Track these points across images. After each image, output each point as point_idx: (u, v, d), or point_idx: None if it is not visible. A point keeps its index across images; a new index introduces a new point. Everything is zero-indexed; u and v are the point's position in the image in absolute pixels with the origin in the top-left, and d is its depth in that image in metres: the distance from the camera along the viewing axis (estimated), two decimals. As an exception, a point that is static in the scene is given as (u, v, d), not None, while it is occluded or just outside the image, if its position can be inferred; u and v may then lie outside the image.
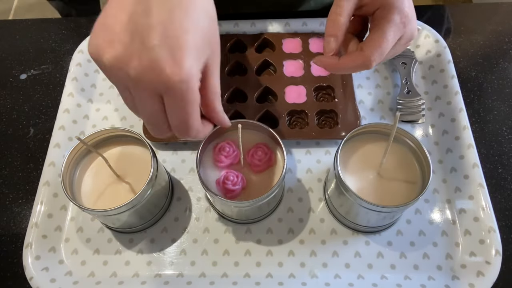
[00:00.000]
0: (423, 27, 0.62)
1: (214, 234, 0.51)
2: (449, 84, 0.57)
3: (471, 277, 0.46)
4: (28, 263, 0.47)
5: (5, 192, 0.55)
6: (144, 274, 0.49)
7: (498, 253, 0.46)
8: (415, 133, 0.56)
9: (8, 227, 0.52)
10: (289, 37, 0.61)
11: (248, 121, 0.48)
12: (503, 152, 0.55)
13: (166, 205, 0.52)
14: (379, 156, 0.44)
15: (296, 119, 0.57)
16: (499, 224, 0.48)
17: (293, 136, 0.54)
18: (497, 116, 0.58)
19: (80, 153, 0.47)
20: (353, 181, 0.45)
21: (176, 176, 0.54)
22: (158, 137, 0.39)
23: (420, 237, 0.50)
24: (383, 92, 0.60)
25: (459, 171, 0.52)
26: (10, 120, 0.60)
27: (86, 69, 0.61)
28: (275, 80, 0.58)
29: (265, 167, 0.47)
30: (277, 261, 0.49)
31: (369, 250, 0.49)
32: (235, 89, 0.58)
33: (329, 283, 0.47)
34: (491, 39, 0.65)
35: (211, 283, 0.47)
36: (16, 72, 0.64)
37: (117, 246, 0.50)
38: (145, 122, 0.36)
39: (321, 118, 0.57)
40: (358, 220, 0.48)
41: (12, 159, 0.57)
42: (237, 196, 0.45)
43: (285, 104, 0.56)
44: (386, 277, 0.48)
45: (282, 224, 0.51)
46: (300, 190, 0.53)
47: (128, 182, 0.47)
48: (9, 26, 0.69)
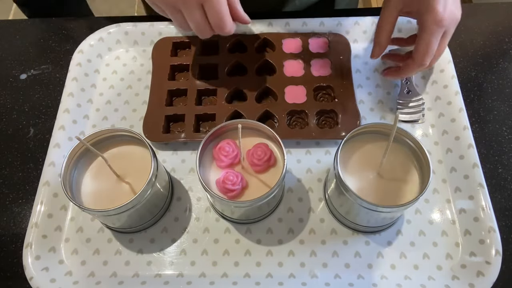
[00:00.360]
0: (423, 27, 0.62)
1: (214, 234, 0.51)
2: (449, 84, 0.57)
3: (471, 277, 0.46)
4: (28, 263, 0.47)
5: (5, 192, 0.55)
6: (144, 274, 0.49)
7: (498, 253, 0.46)
8: (415, 133, 0.56)
9: (8, 227, 0.52)
10: (289, 37, 0.62)
11: (248, 121, 0.48)
12: (503, 152, 0.55)
13: (166, 205, 0.52)
14: (379, 156, 0.44)
15: (296, 119, 0.57)
16: (499, 224, 0.48)
17: (293, 136, 0.54)
18: (497, 116, 0.58)
19: (80, 153, 0.47)
20: (353, 181, 0.45)
21: (176, 176, 0.54)
22: (204, 37, 0.50)
23: (420, 237, 0.50)
24: (383, 92, 0.60)
25: (459, 171, 0.52)
26: (10, 120, 0.60)
27: (86, 69, 0.61)
28: (275, 80, 0.58)
29: (265, 167, 0.47)
30: (277, 261, 0.49)
31: (369, 250, 0.49)
32: (235, 89, 0.58)
33: (329, 283, 0.47)
34: (491, 39, 0.65)
35: (211, 283, 0.48)
36: (16, 72, 0.64)
37: (117, 246, 0.50)
38: (194, 30, 0.49)
39: (321, 118, 0.57)
40: (358, 220, 0.48)
41: (12, 159, 0.57)
42: (237, 196, 0.45)
43: (285, 104, 0.56)
44: (386, 277, 0.48)
45: (282, 224, 0.51)
46: (300, 190, 0.53)
47: (128, 182, 0.47)
48: (9, 26, 0.69)
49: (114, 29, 0.64)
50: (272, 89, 0.58)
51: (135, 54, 0.64)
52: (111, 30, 0.64)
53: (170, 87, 0.58)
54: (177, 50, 0.63)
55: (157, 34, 0.63)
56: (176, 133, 0.56)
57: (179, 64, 0.60)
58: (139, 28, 0.64)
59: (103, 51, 0.63)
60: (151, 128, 0.55)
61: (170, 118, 0.57)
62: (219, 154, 0.47)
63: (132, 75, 0.62)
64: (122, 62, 0.64)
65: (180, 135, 0.55)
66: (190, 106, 0.57)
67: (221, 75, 0.59)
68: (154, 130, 0.55)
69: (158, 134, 0.55)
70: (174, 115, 0.56)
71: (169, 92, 0.58)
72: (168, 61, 0.60)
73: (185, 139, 0.54)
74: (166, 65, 0.60)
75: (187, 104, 0.57)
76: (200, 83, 0.58)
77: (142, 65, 0.63)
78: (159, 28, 0.63)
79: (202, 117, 0.57)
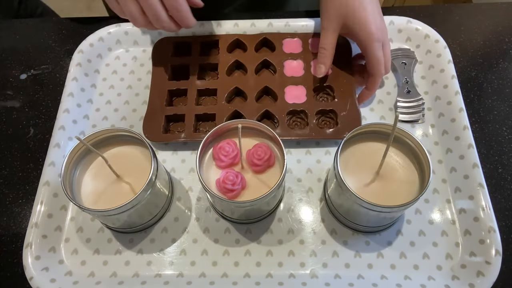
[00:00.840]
0: (423, 27, 0.62)
1: (214, 234, 0.51)
2: (449, 84, 0.57)
3: (471, 277, 0.46)
4: (28, 263, 0.47)
5: (5, 192, 0.55)
6: (144, 274, 0.49)
7: (498, 253, 0.46)
8: (415, 133, 0.56)
9: (8, 227, 0.52)
10: (289, 37, 0.61)
11: (248, 121, 0.48)
12: (503, 152, 0.55)
13: (166, 205, 0.52)
14: (379, 156, 0.44)
15: (296, 119, 0.57)
16: (499, 224, 0.48)
17: (293, 136, 0.54)
18: (497, 116, 0.58)
19: (80, 153, 0.47)
20: (353, 181, 0.45)
21: (176, 176, 0.54)
22: (167, 29, 0.50)
23: (420, 237, 0.50)
24: (383, 92, 0.60)
25: (459, 171, 0.52)
26: (10, 120, 0.60)
27: (86, 69, 0.61)
28: (275, 80, 0.58)
29: (265, 167, 0.47)
30: (277, 261, 0.49)
31: (369, 250, 0.49)
32: (235, 89, 0.58)
33: (329, 283, 0.47)
34: (491, 39, 0.65)
35: (211, 283, 0.47)
36: (16, 72, 0.64)
37: (117, 246, 0.50)
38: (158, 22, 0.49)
39: (321, 118, 0.57)
40: (358, 220, 0.48)
41: (12, 159, 0.57)
42: (237, 196, 0.45)
43: (285, 104, 0.56)
44: (386, 277, 0.48)
45: (282, 224, 0.51)
46: (300, 190, 0.53)
47: (128, 182, 0.47)
48: (9, 26, 0.69)
49: (114, 29, 0.64)
50: (272, 89, 0.57)
51: (135, 54, 0.64)
52: (111, 30, 0.64)
53: (170, 87, 0.58)
54: (177, 50, 0.63)
55: (157, 34, 0.64)
56: (176, 133, 0.56)
57: (179, 64, 0.60)
58: (139, 28, 0.64)
59: (103, 51, 0.63)
60: (151, 128, 0.55)
61: (170, 118, 0.57)
62: (219, 154, 0.47)
63: (132, 75, 0.62)
64: (122, 62, 0.64)
65: (180, 135, 0.55)
66: (190, 106, 0.57)
67: (221, 75, 0.59)
68: (154, 130, 0.55)
69: (158, 134, 0.55)
70: (174, 115, 0.56)
71: (169, 92, 0.58)
72: (168, 61, 0.60)
73: (185, 139, 0.54)
74: (166, 65, 0.60)
75: (187, 104, 0.57)
76: (200, 83, 0.58)
77: (142, 65, 0.63)
78: (159, 28, 0.63)
79: (202, 117, 0.57)
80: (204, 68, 0.60)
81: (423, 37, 0.62)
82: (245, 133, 0.46)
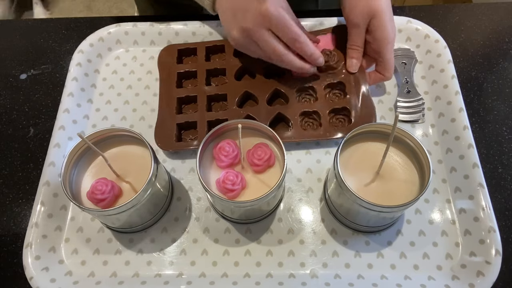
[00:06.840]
0: (423, 27, 0.62)
1: (214, 234, 0.51)
2: (449, 84, 0.57)
3: (471, 277, 0.46)
4: (28, 263, 0.47)
5: (5, 192, 0.55)
6: (144, 274, 0.49)
7: (498, 253, 0.46)
8: (415, 133, 0.56)
9: (8, 227, 0.52)
10: None
11: (248, 121, 0.47)
12: (503, 152, 0.55)
13: (166, 205, 0.52)
14: (379, 156, 0.44)
15: (309, 119, 0.56)
16: (499, 224, 0.48)
17: (307, 138, 0.54)
18: (497, 116, 0.58)
19: (80, 152, 0.47)
20: (353, 181, 0.45)
21: (176, 176, 0.54)
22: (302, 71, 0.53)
23: (420, 237, 0.50)
24: (383, 92, 0.60)
25: (459, 171, 0.52)
26: (10, 120, 0.60)
27: (86, 69, 0.61)
28: (284, 81, 0.57)
29: (265, 167, 0.47)
30: (277, 261, 0.49)
31: (369, 250, 0.49)
32: (245, 93, 0.57)
33: (329, 283, 0.47)
34: (491, 39, 0.65)
35: (211, 283, 0.47)
36: (16, 72, 0.64)
37: (117, 246, 0.50)
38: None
39: (334, 117, 0.56)
40: (358, 220, 0.48)
41: (12, 159, 0.57)
42: (237, 196, 0.45)
43: (297, 105, 0.56)
44: (386, 277, 0.48)
45: (282, 224, 0.51)
46: (300, 190, 0.53)
47: (128, 182, 0.47)
48: (9, 26, 0.69)
49: (114, 29, 0.64)
50: (282, 91, 0.57)
51: (135, 54, 0.64)
52: (111, 30, 0.64)
53: (179, 94, 0.57)
54: (182, 57, 0.62)
55: (157, 34, 0.64)
56: (189, 140, 0.55)
57: (186, 71, 0.59)
58: (139, 28, 0.64)
59: (103, 51, 0.63)
60: (164, 138, 0.54)
61: (181, 126, 0.56)
62: (219, 154, 0.47)
63: (132, 75, 0.62)
64: (122, 62, 0.64)
65: (192, 142, 0.54)
66: (201, 112, 0.56)
67: (229, 80, 0.58)
68: (166, 139, 0.54)
69: (171, 143, 0.54)
70: (185, 123, 0.55)
71: (179, 100, 0.57)
72: (175, 69, 0.59)
73: (198, 147, 0.54)
74: (173, 72, 0.59)
75: (198, 111, 0.56)
76: (209, 89, 0.58)
77: (142, 65, 0.63)
78: (159, 28, 0.63)
79: (214, 123, 0.55)
80: (212, 73, 0.60)
81: (423, 37, 0.62)
82: (245, 133, 0.46)
